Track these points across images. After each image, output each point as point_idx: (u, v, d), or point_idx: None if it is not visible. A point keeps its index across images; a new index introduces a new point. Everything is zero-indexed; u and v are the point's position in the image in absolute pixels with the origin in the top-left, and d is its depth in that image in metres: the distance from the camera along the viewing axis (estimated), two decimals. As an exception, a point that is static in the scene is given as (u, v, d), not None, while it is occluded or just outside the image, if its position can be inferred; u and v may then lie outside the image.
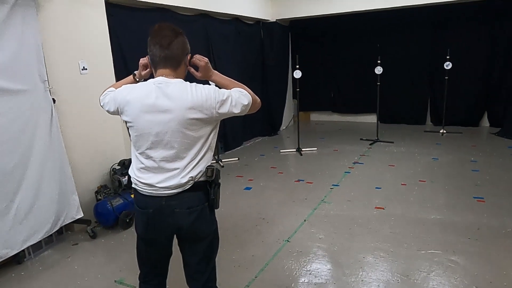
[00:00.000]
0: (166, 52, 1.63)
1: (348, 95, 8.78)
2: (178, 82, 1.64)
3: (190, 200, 1.69)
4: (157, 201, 1.68)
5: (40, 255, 3.28)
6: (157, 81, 1.63)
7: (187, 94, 1.59)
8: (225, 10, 6.03)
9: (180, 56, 1.67)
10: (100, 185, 3.88)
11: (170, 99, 1.59)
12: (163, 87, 1.60)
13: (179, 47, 1.65)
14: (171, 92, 1.59)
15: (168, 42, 1.62)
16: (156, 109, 1.60)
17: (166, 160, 1.64)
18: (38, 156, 3.17)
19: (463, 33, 7.30)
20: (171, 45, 1.62)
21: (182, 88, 1.61)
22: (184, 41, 1.68)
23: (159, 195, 1.67)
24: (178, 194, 1.67)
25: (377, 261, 2.92)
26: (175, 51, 1.64)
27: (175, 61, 1.66)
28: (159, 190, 1.66)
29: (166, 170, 1.65)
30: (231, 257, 3.07)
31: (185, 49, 1.69)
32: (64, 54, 3.52)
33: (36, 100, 3.15)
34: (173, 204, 1.67)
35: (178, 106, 1.58)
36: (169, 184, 1.65)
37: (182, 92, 1.59)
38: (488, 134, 7.01)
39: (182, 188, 1.66)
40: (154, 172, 1.67)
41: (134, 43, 4.38)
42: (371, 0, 6.63)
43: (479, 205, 3.85)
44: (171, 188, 1.65)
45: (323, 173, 5.18)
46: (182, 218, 1.69)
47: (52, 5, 3.39)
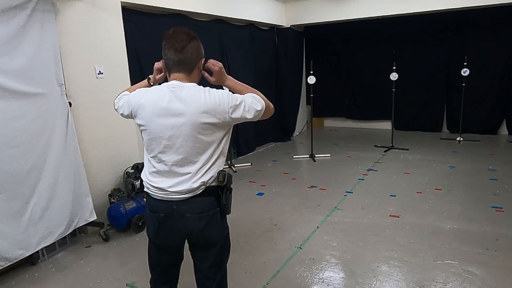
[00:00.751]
0: (180, 56, 1.63)
1: (362, 101, 8.70)
2: (192, 86, 1.63)
3: (201, 205, 1.67)
4: (169, 205, 1.67)
5: (54, 257, 3.31)
6: (170, 85, 1.63)
7: (201, 98, 1.58)
8: (240, 16, 6.06)
9: (194, 60, 1.67)
10: (114, 188, 3.91)
11: (183, 103, 1.58)
12: (177, 91, 1.60)
13: (193, 51, 1.65)
14: (184, 96, 1.59)
15: (182, 46, 1.62)
16: (169, 113, 1.59)
17: (177, 164, 1.64)
18: (54, 158, 3.21)
19: (481, 40, 7.17)
20: (185, 49, 1.62)
21: (195, 92, 1.60)
22: (198, 46, 1.68)
23: (170, 199, 1.67)
24: (190, 199, 1.66)
25: (391, 270, 2.86)
26: (189, 55, 1.64)
27: (189, 65, 1.65)
28: (171, 195, 1.66)
29: (177, 175, 1.65)
30: (243, 264, 3.04)
31: (199, 53, 1.69)
32: (81, 59, 3.58)
33: (53, 104, 3.20)
34: (184, 209, 1.66)
35: (191, 110, 1.57)
36: (181, 188, 1.64)
37: (196, 96, 1.59)
38: (506, 142, 6.85)
39: (193, 193, 1.65)
40: (166, 176, 1.66)
41: (150, 48, 4.42)
42: (386, 6, 6.58)
43: (498, 215, 3.75)
44: (183, 193, 1.64)
45: (336, 179, 5.12)
46: (193, 223, 1.67)
47: (70, 10, 3.45)
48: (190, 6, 4.99)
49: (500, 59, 7.08)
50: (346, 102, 8.94)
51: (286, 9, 7.50)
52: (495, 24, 6.97)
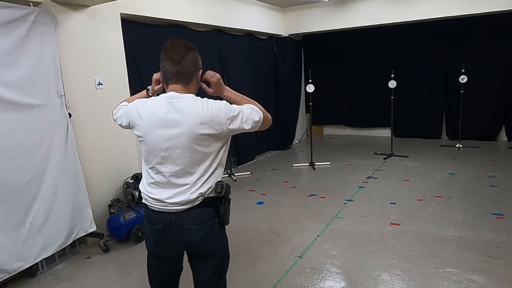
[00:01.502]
0: (177, 68, 1.64)
1: (361, 109, 8.72)
2: (190, 97, 1.64)
3: (199, 216, 1.67)
4: (167, 216, 1.67)
5: (53, 269, 3.30)
6: (168, 96, 1.64)
7: (198, 109, 1.59)
8: (238, 26, 6.10)
9: (192, 71, 1.68)
10: (113, 198, 3.91)
11: (181, 114, 1.59)
12: (174, 102, 1.61)
13: (191, 62, 1.66)
14: (182, 107, 1.60)
15: (180, 57, 1.63)
16: (167, 124, 1.60)
17: (175, 175, 1.64)
18: (53, 169, 3.21)
19: (479, 47, 7.22)
20: (183, 61, 1.64)
21: (193, 103, 1.61)
22: (196, 57, 1.69)
23: (168, 210, 1.66)
24: (188, 210, 1.66)
25: (392, 279, 2.85)
26: (187, 66, 1.65)
27: (186, 77, 1.66)
28: (169, 206, 1.66)
29: (175, 186, 1.65)
30: (243, 273, 3.03)
31: (197, 64, 1.70)
32: (81, 70, 3.60)
33: (52, 115, 3.21)
34: (183, 220, 1.66)
35: (188, 121, 1.58)
36: (179, 200, 1.64)
37: (193, 107, 1.60)
38: (506, 149, 6.86)
39: (191, 204, 1.65)
40: (164, 187, 1.67)
41: (149, 59, 4.45)
42: (384, 15, 6.63)
43: (499, 222, 3.74)
44: (181, 204, 1.64)
45: (336, 188, 5.12)
46: (192, 234, 1.67)
47: (70, 22, 3.48)
48: (189, 16, 5.03)
49: (498, 66, 7.12)
50: (345, 110, 8.96)
51: (284, 18, 7.56)
52: (493, 31, 7.02)
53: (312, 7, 7.22)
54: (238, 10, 6.07)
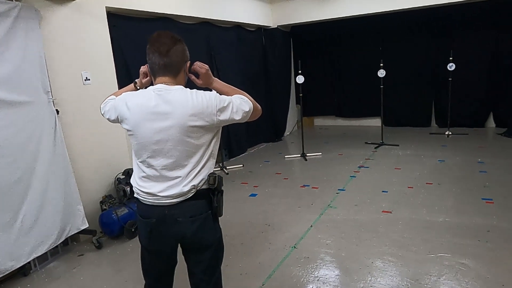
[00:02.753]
0: (165, 60, 1.62)
1: (351, 99, 8.75)
2: (179, 88, 1.62)
3: (193, 208, 1.67)
4: (160, 210, 1.66)
5: (46, 267, 3.27)
6: (157, 89, 1.62)
7: (188, 101, 1.58)
8: (226, 18, 6.05)
9: (179, 63, 1.66)
10: (105, 195, 3.88)
11: (171, 106, 1.57)
12: (163, 94, 1.59)
13: (178, 54, 1.64)
14: (171, 99, 1.58)
15: (166, 49, 1.61)
16: (156, 117, 1.58)
17: (167, 168, 1.63)
18: (43, 167, 3.17)
19: (467, 35, 7.27)
20: (170, 53, 1.61)
21: (182, 95, 1.60)
22: (183, 49, 1.67)
23: (161, 204, 1.65)
24: (181, 203, 1.65)
25: (385, 266, 2.88)
26: (174, 58, 1.63)
27: (174, 69, 1.65)
28: (161, 199, 1.64)
29: (167, 179, 1.64)
30: (238, 265, 3.04)
31: (185, 56, 1.68)
32: (67, 65, 3.54)
33: (39, 112, 3.16)
34: (176, 213, 1.65)
35: (178, 113, 1.56)
36: (171, 193, 1.63)
37: (183, 99, 1.58)
38: (494, 135, 6.95)
39: (184, 197, 1.64)
40: (156, 180, 1.65)
41: (137, 52, 4.40)
42: (371, 4, 6.62)
43: (488, 207, 3.80)
44: (173, 197, 1.63)
45: (328, 178, 5.14)
46: (185, 227, 1.66)
47: (55, 16, 3.42)
48: (176, 9, 4.97)
49: (485, 53, 7.18)
50: (335, 100, 8.98)
51: (273, 9, 7.52)
52: (480, 19, 7.06)
53: (300, -3, 7.19)
54: (226, 2, 6.02)
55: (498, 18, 6.96)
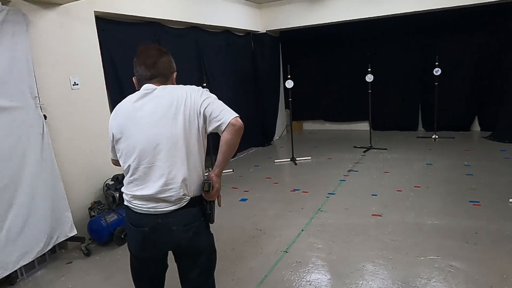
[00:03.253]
0: (152, 71, 1.65)
1: (340, 103, 8.82)
2: (166, 87, 1.65)
3: (187, 216, 1.65)
4: (153, 219, 1.64)
5: (33, 275, 3.20)
6: (143, 88, 1.64)
7: (173, 98, 1.59)
8: (216, 23, 6.06)
9: (166, 74, 1.69)
10: (94, 201, 3.83)
11: (156, 105, 1.59)
12: (149, 93, 1.61)
13: (165, 66, 1.68)
14: (157, 98, 1.60)
15: (153, 61, 1.65)
16: (144, 119, 1.59)
17: (159, 175, 1.60)
18: (30, 173, 3.11)
19: (452, 40, 7.42)
20: (157, 64, 1.65)
21: (168, 92, 1.62)
22: (169, 60, 1.71)
23: (154, 212, 1.63)
24: (174, 211, 1.63)
25: (377, 269, 2.90)
26: (161, 70, 1.67)
27: (162, 78, 1.68)
28: (155, 208, 1.62)
29: (160, 186, 1.61)
30: (229, 271, 3.02)
31: (171, 67, 1.72)
32: (55, 70, 3.50)
33: (27, 117, 3.11)
34: (170, 222, 1.63)
35: (164, 112, 1.57)
36: (172, 198, 1.61)
37: (168, 97, 1.60)
38: (479, 138, 7.08)
39: (178, 205, 1.63)
40: (147, 186, 1.64)
41: (126, 57, 4.35)
42: (359, 10, 6.71)
43: (475, 209, 3.86)
44: (167, 205, 1.62)
45: (318, 182, 5.16)
46: (180, 235, 1.65)
47: (43, 20, 3.38)
48: (165, 14, 4.96)
49: (470, 58, 7.33)
50: (324, 104, 9.05)
51: (261, 14, 7.56)
52: (465, 25, 7.21)
53: (288, 3, 7.25)
54: (215, 7, 6.03)
55: (481, 24, 7.12)
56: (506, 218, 3.57)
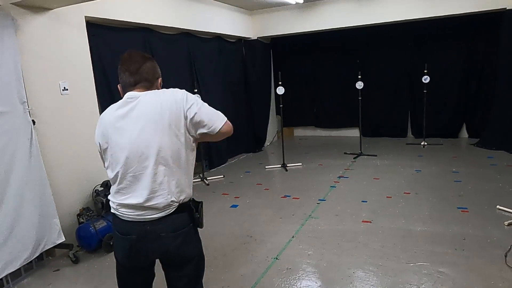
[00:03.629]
0: (135, 77, 1.63)
1: (330, 110, 8.89)
2: (149, 93, 1.63)
3: (175, 222, 1.64)
4: (140, 226, 1.61)
5: (20, 283, 3.14)
6: (126, 96, 1.63)
7: (156, 103, 1.58)
8: (207, 29, 6.07)
9: (150, 80, 1.67)
10: (83, 207, 3.78)
11: (139, 107, 1.58)
12: (133, 101, 1.60)
13: (148, 71, 1.66)
14: (141, 105, 1.58)
15: (136, 68, 1.63)
16: (126, 121, 1.58)
17: (145, 182, 1.58)
18: (17, 179, 3.07)
19: (441, 48, 7.54)
20: (140, 70, 1.63)
21: (152, 98, 1.60)
22: (153, 65, 1.69)
23: (142, 220, 1.61)
24: (163, 218, 1.61)
25: (367, 275, 2.91)
26: (144, 75, 1.65)
27: (146, 84, 1.66)
28: (142, 215, 1.60)
29: (148, 193, 1.58)
30: (220, 278, 3.00)
31: (156, 73, 1.70)
32: (44, 75, 3.47)
33: (15, 122, 3.08)
34: (158, 229, 1.61)
35: (148, 118, 1.56)
36: (152, 208, 1.60)
37: (152, 103, 1.58)
38: (467, 145, 7.18)
39: (166, 212, 1.61)
40: (134, 194, 1.62)
41: (116, 63, 4.26)
42: (349, 18, 6.81)
43: (464, 216, 3.90)
44: (155, 212, 1.60)
45: (309, 188, 5.18)
46: (169, 242, 1.63)
47: (32, 25, 3.35)
48: (157, 19, 4.96)
49: (458, 66, 7.45)
50: (314, 111, 9.10)
51: (253, 21, 7.60)
52: (452, 33, 7.35)
53: (280, 10, 7.31)
54: (206, 13, 6.04)
55: (468, 33, 7.26)
56: (493, 225, 3.62)
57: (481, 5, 6.04)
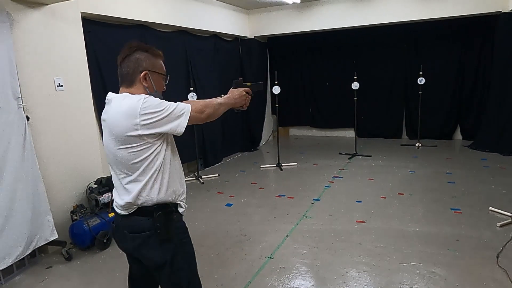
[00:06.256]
0: (119, 70, 1.63)
1: (326, 110, 8.90)
2: (118, 96, 1.58)
3: (132, 224, 1.63)
4: (117, 217, 1.70)
5: (11, 280, 3.12)
6: (107, 97, 1.64)
7: (115, 110, 1.54)
8: (204, 27, 6.06)
9: (131, 74, 1.59)
10: (76, 204, 3.76)
11: (106, 113, 1.60)
12: (108, 103, 1.61)
13: (129, 64, 1.59)
14: (108, 107, 1.60)
15: (121, 59, 1.61)
16: (103, 123, 1.63)
17: (117, 178, 1.65)
18: (10, 175, 3.05)
19: (436, 50, 7.58)
20: (123, 63, 1.60)
21: (115, 104, 1.56)
22: (138, 58, 1.59)
23: (117, 212, 1.68)
24: (126, 216, 1.65)
25: (360, 275, 2.92)
26: (125, 69, 1.60)
27: (126, 79, 1.61)
28: (117, 207, 1.68)
29: (119, 189, 1.65)
30: (213, 276, 3.00)
31: (139, 66, 1.59)
32: (39, 71, 3.44)
33: (8, 118, 3.05)
34: (123, 225, 1.67)
35: (108, 121, 1.58)
36: (118, 203, 1.66)
37: (114, 109, 1.55)
38: (461, 147, 7.22)
39: (127, 211, 1.63)
40: (115, 187, 1.70)
41: (112, 60, 4.26)
42: (346, 18, 6.83)
43: (457, 217, 3.93)
44: (120, 208, 1.65)
45: (303, 188, 5.19)
46: (128, 241, 1.66)
47: (27, 20, 3.32)
48: (153, 17, 4.94)
49: (452, 68, 7.50)
50: (310, 111, 9.11)
51: (250, 20, 7.60)
52: (447, 35, 7.39)
53: (277, 9, 7.31)
54: (203, 11, 6.03)
55: (463, 36, 7.30)
56: (486, 226, 3.64)
57: (476, 8, 6.08)
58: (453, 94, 7.59)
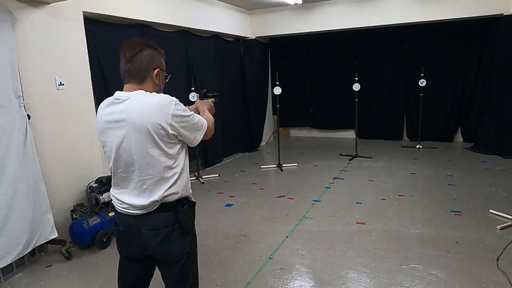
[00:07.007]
0: (128, 66, 1.57)
1: (327, 111, 8.90)
2: (137, 93, 1.56)
3: (156, 221, 1.62)
4: (127, 219, 1.65)
5: (11, 279, 3.12)
6: (115, 96, 1.60)
7: (141, 105, 1.52)
8: (205, 27, 6.06)
9: (144, 70, 1.58)
10: (76, 203, 3.76)
11: (123, 112, 1.54)
12: (120, 103, 1.57)
13: (143, 60, 1.57)
14: (125, 106, 1.55)
15: (131, 55, 1.56)
16: (113, 125, 1.57)
17: (131, 177, 1.61)
18: (11, 174, 3.05)
19: (437, 52, 7.58)
20: (134, 58, 1.56)
21: (138, 99, 1.54)
22: (150, 55, 1.59)
23: (128, 213, 1.64)
24: (144, 215, 1.62)
25: (359, 277, 2.92)
26: (138, 64, 1.56)
27: (138, 75, 1.58)
28: (129, 209, 1.63)
29: (133, 189, 1.62)
30: (213, 276, 3.00)
31: (152, 63, 1.60)
32: (41, 70, 3.44)
33: (10, 116, 3.05)
34: (140, 224, 1.63)
35: (131, 120, 1.53)
36: (136, 204, 1.61)
37: (137, 108, 1.53)
38: (462, 149, 7.22)
39: (146, 210, 1.61)
40: (124, 188, 1.66)
41: (113, 59, 4.26)
42: (347, 19, 6.83)
43: (457, 219, 3.93)
44: (138, 208, 1.62)
45: (304, 188, 5.18)
46: (148, 239, 1.63)
47: (29, 19, 3.33)
48: (154, 16, 4.94)
49: (454, 70, 7.49)
50: (311, 112, 9.11)
51: (251, 20, 7.60)
52: (448, 37, 7.39)
53: (278, 10, 7.31)
54: (204, 12, 6.03)
55: (464, 38, 7.30)
56: (486, 228, 3.64)
57: (478, 11, 6.09)
58: (453, 96, 7.59)
